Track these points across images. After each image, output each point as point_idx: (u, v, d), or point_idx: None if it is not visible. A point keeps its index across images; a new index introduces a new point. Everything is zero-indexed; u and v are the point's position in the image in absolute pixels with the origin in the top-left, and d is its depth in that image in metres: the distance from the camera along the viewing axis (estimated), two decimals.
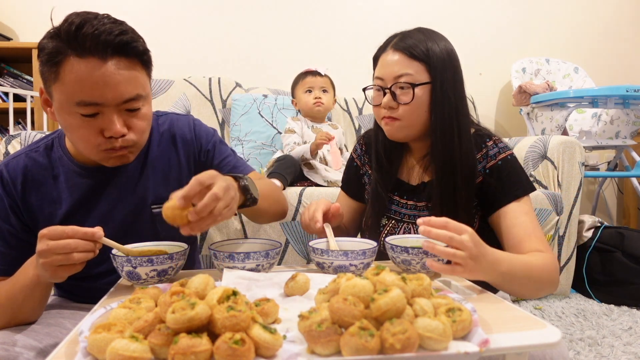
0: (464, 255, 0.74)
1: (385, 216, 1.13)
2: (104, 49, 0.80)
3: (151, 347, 0.50)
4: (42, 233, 0.74)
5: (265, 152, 2.31)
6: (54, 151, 0.98)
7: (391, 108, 1.02)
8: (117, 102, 0.84)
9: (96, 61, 0.80)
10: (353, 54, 2.90)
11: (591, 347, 1.58)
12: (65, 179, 0.96)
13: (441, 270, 0.75)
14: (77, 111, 0.83)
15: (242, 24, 2.87)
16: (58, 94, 0.83)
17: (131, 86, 0.84)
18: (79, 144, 0.89)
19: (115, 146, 0.87)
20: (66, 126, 0.88)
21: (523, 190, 1.02)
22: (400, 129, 1.03)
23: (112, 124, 0.84)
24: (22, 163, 0.95)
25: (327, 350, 0.50)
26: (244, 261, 0.83)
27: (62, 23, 0.82)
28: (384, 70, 1.03)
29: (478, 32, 3.08)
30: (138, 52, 0.85)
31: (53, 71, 0.82)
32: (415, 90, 0.99)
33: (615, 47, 3.23)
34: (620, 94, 2.31)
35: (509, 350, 0.56)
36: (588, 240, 2.20)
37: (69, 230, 0.74)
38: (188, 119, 1.10)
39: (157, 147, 1.04)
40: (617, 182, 3.24)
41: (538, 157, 2.16)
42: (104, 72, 0.81)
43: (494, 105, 3.15)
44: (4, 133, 2.60)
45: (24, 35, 2.72)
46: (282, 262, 1.82)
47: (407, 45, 1.01)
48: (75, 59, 0.80)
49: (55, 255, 0.73)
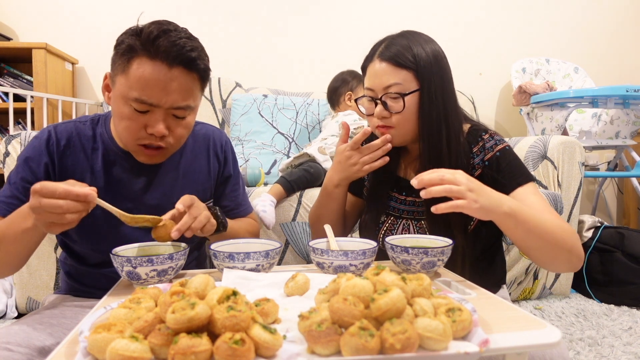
0: (461, 189, 0.77)
1: (385, 213, 1.13)
2: (174, 59, 0.89)
3: (151, 347, 0.50)
4: (34, 188, 0.75)
5: (266, 152, 2.31)
6: (99, 127, 1.05)
7: (384, 117, 1.03)
8: (167, 107, 0.92)
9: (163, 66, 0.89)
10: (353, 54, 2.89)
11: (591, 347, 1.58)
12: (103, 154, 1.03)
13: (447, 208, 0.78)
14: (132, 105, 0.91)
15: (242, 24, 2.87)
16: (121, 84, 0.92)
17: (185, 96, 0.93)
18: (122, 133, 0.96)
19: (152, 143, 0.95)
20: (117, 113, 0.95)
21: (525, 178, 1.02)
22: (395, 137, 1.04)
23: (157, 124, 0.92)
24: (69, 128, 1.03)
25: (327, 350, 0.50)
26: (244, 261, 0.83)
27: (145, 25, 0.92)
28: (373, 81, 1.04)
29: (478, 32, 3.09)
30: (199, 69, 0.94)
31: (123, 63, 0.91)
32: (404, 99, 1.01)
33: (615, 47, 3.23)
34: (620, 94, 2.31)
35: (509, 350, 0.56)
36: (588, 240, 2.20)
37: (61, 191, 0.75)
38: (222, 136, 1.20)
39: (191, 152, 1.13)
40: (617, 182, 3.24)
41: (538, 157, 2.16)
42: (166, 78, 0.89)
43: (494, 105, 3.15)
44: (4, 133, 2.60)
45: (24, 35, 2.72)
46: (282, 262, 1.82)
47: (392, 54, 1.02)
48: (145, 59, 0.89)
49: (46, 213, 0.75)
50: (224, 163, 1.18)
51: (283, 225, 1.79)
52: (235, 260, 0.83)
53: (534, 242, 0.89)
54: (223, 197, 1.18)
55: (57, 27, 2.73)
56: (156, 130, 0.92)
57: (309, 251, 0.90)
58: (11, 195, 0.96)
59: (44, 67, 2.42)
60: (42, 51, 2.41)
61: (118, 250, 0.85)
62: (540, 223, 0.88)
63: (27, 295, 1.81)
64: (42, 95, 2.37)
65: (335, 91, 2.21)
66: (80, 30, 2.74)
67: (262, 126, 2.38)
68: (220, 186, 1.18)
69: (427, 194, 0.81)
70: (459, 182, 0.80)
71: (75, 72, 2.76)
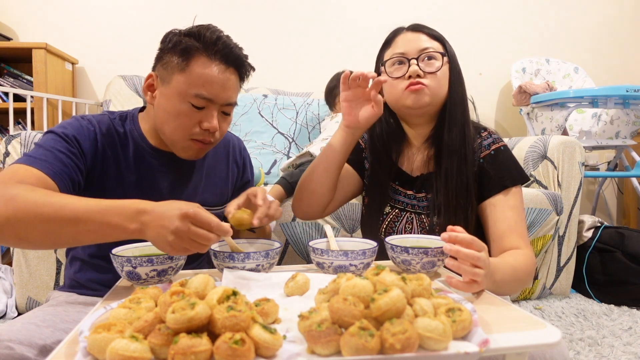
0: (483, 273, 0.73)
1: (389, 205, 1.15)
2: (230, 60, 0.98)
3: (151, 347, 0.50)
4: (188, 213, 0.72)
5: (266, 152, 2.31)
6: (127, 123, 1.07)
7: (419, 76, 1.05)
8: (222, 103, 0.99)
9: (222, 66, 0.97)
10: (353, 54, 2.90)
11: (591, 347, 1.58)
12: (134, 150, 1.04)
13: (463, 288, 0.75)
14: (190, 101, 0.96)
15: (242, 24, 2.87)
16: (179, 83, 0.96)
17: (235, 94, 1.02)
18: (176, 129, 0.98)
19: (205, 138, 0.99)
20: (171, 110, 0.97)
21: (512, 181, 1.05)
22: (427, 95, 1.05)
23: (212, 119, 0.98)
24: (106, 120, 1.04)
25: (327, 350, 0.50)
26: (244, 261, 0.83)
27: (200, 28, 0.97)
28: (407, 46, 1.08)
29: (478, 32, 3.09)
30: (246, 70, 1.04)
31: (182, 62, 0.95)
32: (442, 59, 1.06)
33: (615, 47, 3.23)
34: (620, 94, 2.31)
35: (509, 350, 0.56)
36: (588, 240, 2.20)
37: (214, 224, 0.74)
38: (240, 142, 1.26)
39: (214, 155, 1.16)
40: (617, 182, 3.24)
41: (538, 157, 2.16)
42: (224, 77, 0.98)
43: (494, 105, 3.15)
44: (4, 133, 2.60)
45: (24, 35, 2.72)
46: (282, 262, 1.82)
47: (424, 27, 1.10)
48: (205, 59, 0.96)
49: (190, 240, 0.73)
50: (242, 169, 1.23)
51: (283, 225, 1.79)
52: (235, 260, 0.83)
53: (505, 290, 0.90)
54: None
55: (57, 27, 2.73)
56: (212, 126, 0.98)
57: (309, 251, 0.90)
58: (56, 158, 0.89)
59: (44, 67, 2.42)
60: (42, 51, 2.41)
61: (118, 250, 0.85)
62: (515, 277, 0.91)
63: (27, 295, 1.81)
64: (42, 95, 2.37)
65: (331, 92, 2.20)
66: (80, 30, 2.73)
67: (262, 126, 2.38)
68: (239, 191, 1.20)
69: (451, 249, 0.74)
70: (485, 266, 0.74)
71: (75, 72, 2.76)
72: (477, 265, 0.73)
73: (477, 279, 0.73)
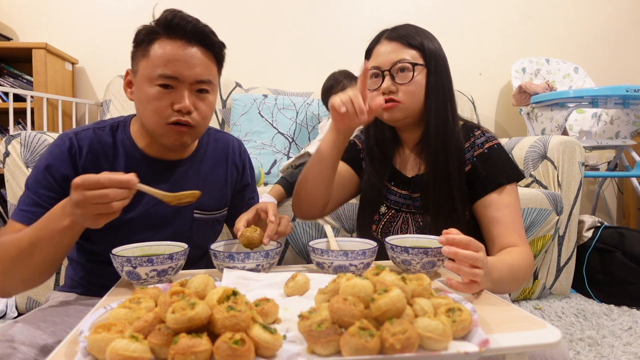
0: (482, 273, 0.73)
1: (385, 205, 1.15)
2: (190, 36, 0.95)
3: (151, 347, 0.50)
4: (76, 183, 0.75)
5: (266, 152, 2.31)
6: (118, 133, 1.05)
7: (391, 92, 1.04)
8: (191, 81, 0.96)
9: (182, 43, 0.95)
10: (353, 54, 2.89)
11: (591, 347, 1.58)
12: (125, 160, 1.03)
13: (463, 289, 0.74)
14: (157, 83, 0.94)
15: (242, 24, 2.87)
16: (144, 68, 0.96)
17: (205, 71, 0.98)
18: (151, 116, 0.97)
19: (180, 120, 0.96)
20: (143, 98, 0.97)
21: (507, 179, 1.04)
22: (400, 111, 1.05)
23: (183, 99, 0.95)
24: (89, 135, 1.02)
25: (327, 350, 0.50)
26: (244, 261, 0.83)
27: (160, 15, 0.97)
28: (381, 59, 1.06)
29: (478, 32, 3.09)
30: (215, 45, 1.00)
31: (144, 50, 0.96)
32: (414, 69, 1.03)
33: (615, 47, 3.23)
34: (620, 94, 2.31)
35: (509, 350, 0.56)
36: (588, 240, 2.20)
37: (104, 180, 0.75)
38: (240, 144, 1.25)
39: (212, 158, 1.15)
40: (617, 182, 3.24)
41: (538, 157, 2.16)
42: (186, 54, 0.95)
43: (494, 105, 3.15)
44: (4, 133, 2.60)
45: (24, 35, 2.72)
46: (282, 262, 1.82)
47: (400, 34, 1.06)
48: (165, 39, 0.95)
49: (93, 205, 0.75)
50: (242, 172, 1.22)
51: None
52: (235, 260, 0.83)
53: (504, 289, 0.91)
54: (242, 205, 1.21)
55: (57, 27, 2.73)
56: (183, 106, 0.95)
57: (309, 251, 0.90)
58: (35, 204, 0.94)
59: (44, 67, 2.42)
60: (42, 51, 2.41)
61: (118, 250, 0.85)
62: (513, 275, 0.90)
63: (27, 295, 1.81)
64: (42, 95, 2.37)
65: (327, 91, 2.20)
66: (80, 30, 2.73)
67: (262, 126, 2.38)
68: (239, 194, 1.21)
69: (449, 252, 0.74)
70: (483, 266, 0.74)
71: (75, 72, 2.76)
72: (475, 266, 0.73)
73: (477, 280, 0.73)
